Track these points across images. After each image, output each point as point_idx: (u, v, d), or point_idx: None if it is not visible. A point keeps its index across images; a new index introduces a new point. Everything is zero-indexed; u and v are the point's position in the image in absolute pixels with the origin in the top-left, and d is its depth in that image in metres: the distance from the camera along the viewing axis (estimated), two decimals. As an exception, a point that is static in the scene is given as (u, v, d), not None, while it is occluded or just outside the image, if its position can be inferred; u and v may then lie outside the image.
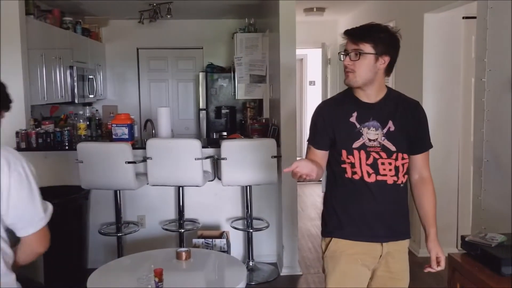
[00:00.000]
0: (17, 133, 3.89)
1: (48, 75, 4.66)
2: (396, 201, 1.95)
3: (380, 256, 1.94)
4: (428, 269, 1.98)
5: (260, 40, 5.41)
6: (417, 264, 3.95)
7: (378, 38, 1.85)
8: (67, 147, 4.02)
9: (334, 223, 1.97)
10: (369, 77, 1.87)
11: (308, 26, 6.66)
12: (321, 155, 1.97)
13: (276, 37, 4.15)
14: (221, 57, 6.69)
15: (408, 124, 1.94)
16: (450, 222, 4.20)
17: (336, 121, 1.93)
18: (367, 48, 1.84)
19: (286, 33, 3.94)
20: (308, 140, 2.03)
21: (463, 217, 4.16)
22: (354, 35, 1.87)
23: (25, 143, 3.89)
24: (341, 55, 1.92)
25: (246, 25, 5.62)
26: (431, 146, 2.03)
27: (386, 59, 1.87)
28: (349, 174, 1.91)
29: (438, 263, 1.95)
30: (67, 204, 3.68)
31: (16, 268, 1.64)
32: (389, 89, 1.98)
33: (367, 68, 1.85)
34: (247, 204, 3.97)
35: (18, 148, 3.88)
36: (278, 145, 3.85)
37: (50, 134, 3.99)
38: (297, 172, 1.73)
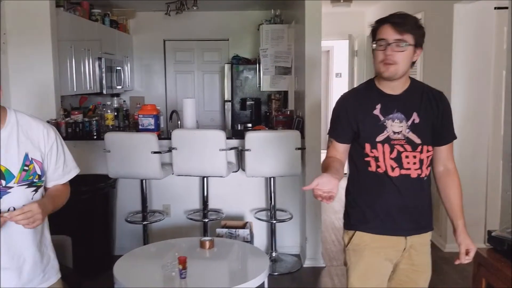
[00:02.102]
0: (47, 122, 3.99)
1: (77, 66, 4.76)
2: (420, 194, 1.92)
3: (404, 249, 1.93)
4: (457, 262, 1.95)
5: (285, 31, 5.39)
6: (443, 259, 3.92)
7: (417, 29, 1.80)
8: (95, 137, 4.11)
9: (357, 216, 1.96)
10: (407, 69, 1.83)
11: (334, 17, 6.59)
12: (343, 149, 1.94)
13: (301, 29, 4.12)
14: (246, 49, 6.70)
15: (432, 115, 1.89)
16: (478, 217, 4.12)
17: (359, 113, 1.88)
18: (410, 39, 1.78)
19: (312, 25, 3.90)
20: (329, 133, 1.98)
21: (492, 213, 4.07)
22: (400, 24, 1.77)
23: (55, 132, 3.99)
24: (377, 45, 1.81)
25: (272, 17, 5.61)
26: (455, 137, 1.99)
27: (419, 51, 1.84)
28: (373, 167, 1.88)
29: (467, 255, 1.92)
30: (95, 192, 3.78)
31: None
32: (412, 80, 1.94)
33: (408, 60, 1.80)
34: (270, 196, 3.98)
35: (49, 137, 3.99)
36: (303, 137, 3.84)
37: (79, 124, 4.09)
38: (317, 190, 1.63)
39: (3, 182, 1.54)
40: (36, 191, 1.64)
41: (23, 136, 1.60)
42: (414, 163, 1.87)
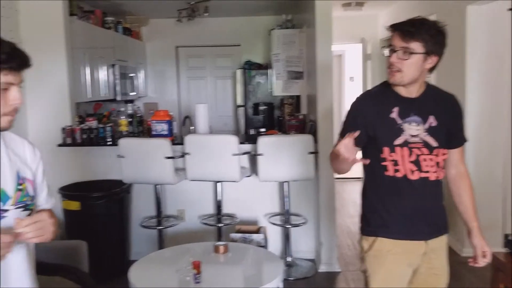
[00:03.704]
0: (63, 129, 4.05)
1: (92, 74, 4.81)
2: (437, 197, 1.93)
3: (424, 253, 1.91)
4: (472, 264, 1.93)
5: (297, 36, 5.38)
6: (461, 264, 3.86)
7: (429, 36, 1.76)
8: (109, 143, 4.14)
9: (377, 222, 1.93)
10: (416, 76, 1.82)
11: (346, 21, 6.57)
12: None
13: (312, 33, 4.12)
14: (258, 54, 6.71)
15: (448, 118, 1.89)
16: (494, 220, 4.06)
17: (376, 117, 1.87)
18: (417, 47, 1.76)
19: (323, 29, 3.90)
20: (340, 134, 1.94)
21: (508, 216, 4.01)
22: (404, 31, 1.76)
23: (70, 138, 4.04)
24: (386, 50, 1.83)
25: (283, 22, 5.61)
26: (466, 140, 2.00)
27: (435, 59, 1.81)
28: (390, 171, 1.86)
29: (484, 257, 1.90)
30: (110, 197, 3.81)
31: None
32: (427, 83, 1.93)
33: (415, 67, 1.79)
34: (284, 200, 3.97)
35: (64, 143, 4.04)
36: (316, 141, 3.83)
37: (94, 130, 4.13)
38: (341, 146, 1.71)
39: (0, 204, 1.36)
40: (30, 215, 1.43)
41: (11, 153, 1.43)
42: (432, 166, 1.86)
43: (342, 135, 1.95)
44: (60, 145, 4.04)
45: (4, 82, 1.29)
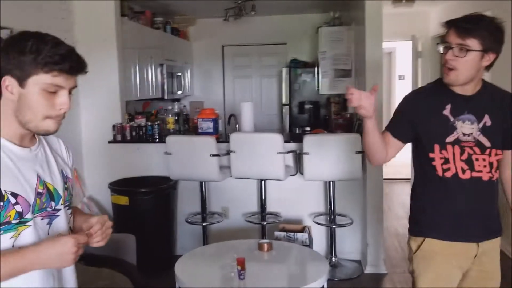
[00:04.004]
0: (113, 126, 4.17)
1: (141, 73, 4.93)
2: (491, 198, 1.85)
3: (475, 256, 1.84)
4: None
5: (345, 33, 5.30)
6: (512, 267, 3.67)
7: (487, 33, 1.69)
8: (157, 140, 4.23)
9: (427, 222, 1.88)
10: (472, 75, 1.75)
11: (397, 18, 6.39)
12: (392, 142, 1.91)
13: (362, 31, 4.04)
14: (304, 52, 6.66)
15: (504, 118, 1.81)
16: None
17: (428, 113, 1.83)
18: (474, 44, 1.69)
19: (372, 26, 3.82)
20: (386, 127, 1.95)
21: None
22: (461, 28, 1.70)
23: (120, 135, 4.16)
24: (441, 47, 1.76)
25: (330, 19, 5.54)
26: None
27: (492, 56, 1.73)
28: (439, 172, 1.80)
29: None
30: (157, 193, 3.90)
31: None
32: (484, 81, 1.86)
33: (471, 65, 1.72)
34: (330, 200, 3.92)
35: (114, 140, 4.17)
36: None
37: (142, 127, 4.24)
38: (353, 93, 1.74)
39: (53, 204, 1.33)
40: (71, 214, 1.45)
41: (54, 152, 1.43)
42: (485, 166, 1.79)
43: (387, 126, 1.94)
44: (110, 142, 4.17)
45: (53, 83, 1.24)
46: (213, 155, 3.64)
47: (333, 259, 3.94)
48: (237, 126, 4.36)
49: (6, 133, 1.28)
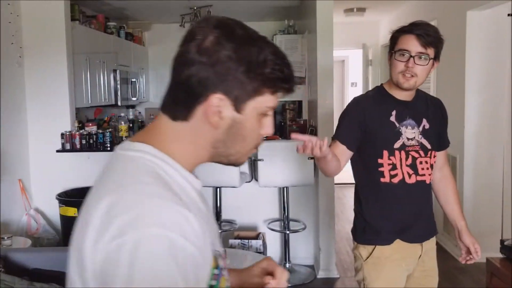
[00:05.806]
0: (62, 134, 4.04)
1: (93, 79, 4.82)
2: (430, 199, 1.96)
3: (419, 256, 1.92)
4: (465, 261, 1.96)
5: (299, 41, 5.39)
6: (458, 269, 3.84)
7: (440, 44, 1.80)
8: (108, 148, 4.14)
9: (375, 229, 1.92)
10: (424, 81, 1.85)
11: (348, 27, 6.58)
12: (342, 152, 1.89)
13: (314, 39, 4.12)
14: (260, 59, 6.70)
15: (437, 121, 1.94)
16: (494, 226, 4.03)
17: (377, 120, 1.88)
18: (432, 52, 1.79)
19: (324, 34, 3.90)
20: (333, 136, 1.94)
21: (508, 222, 3.98)
22: (424, 36, 1.76)
23: (69, 144, 4.03)
24: (398, 55, 1.79)
25: (285, 27, 5.62)
26: (449, 142, 2.06)
27: (437, 64, 1.85)
28: (386, 178, 1.85)
29: (476, 253, 1.93)
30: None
31: None
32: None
33: (427, 73, 1.82)
34: (284, 206, 3.96)
35: (63, 149, 4.03)
36: (315, 146, 3.82)
37: (93, 135, 4.12)
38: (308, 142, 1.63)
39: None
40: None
41: None
42: (427, 168, 1.88)
43: (335, 135, 1.95)
44: (59, 151, 4.02)
45: (271, 106, 0.92)
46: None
47: (287, 265, 3.98)
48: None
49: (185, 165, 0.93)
